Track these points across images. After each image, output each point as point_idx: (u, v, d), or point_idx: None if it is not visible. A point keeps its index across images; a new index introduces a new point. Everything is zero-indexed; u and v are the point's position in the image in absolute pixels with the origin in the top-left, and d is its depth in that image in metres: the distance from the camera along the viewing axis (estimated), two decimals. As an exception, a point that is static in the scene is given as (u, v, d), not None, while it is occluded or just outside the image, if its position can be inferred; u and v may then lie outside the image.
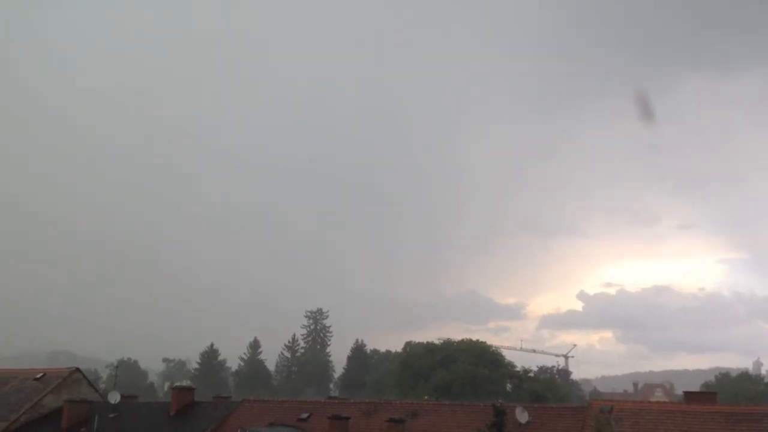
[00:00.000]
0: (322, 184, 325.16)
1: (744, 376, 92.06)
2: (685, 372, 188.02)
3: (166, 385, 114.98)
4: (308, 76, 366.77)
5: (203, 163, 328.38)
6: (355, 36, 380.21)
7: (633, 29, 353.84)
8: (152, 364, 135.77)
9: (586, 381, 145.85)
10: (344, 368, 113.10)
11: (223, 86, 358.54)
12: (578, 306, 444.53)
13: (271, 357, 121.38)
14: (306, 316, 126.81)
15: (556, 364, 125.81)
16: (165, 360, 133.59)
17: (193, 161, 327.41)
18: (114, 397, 33.98)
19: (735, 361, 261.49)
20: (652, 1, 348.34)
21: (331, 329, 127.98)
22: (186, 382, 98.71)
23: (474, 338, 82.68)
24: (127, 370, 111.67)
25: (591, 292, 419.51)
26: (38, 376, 37.29)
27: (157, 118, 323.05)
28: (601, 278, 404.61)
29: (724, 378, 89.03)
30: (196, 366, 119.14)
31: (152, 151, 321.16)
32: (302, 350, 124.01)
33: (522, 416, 26.54)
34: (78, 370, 38.26)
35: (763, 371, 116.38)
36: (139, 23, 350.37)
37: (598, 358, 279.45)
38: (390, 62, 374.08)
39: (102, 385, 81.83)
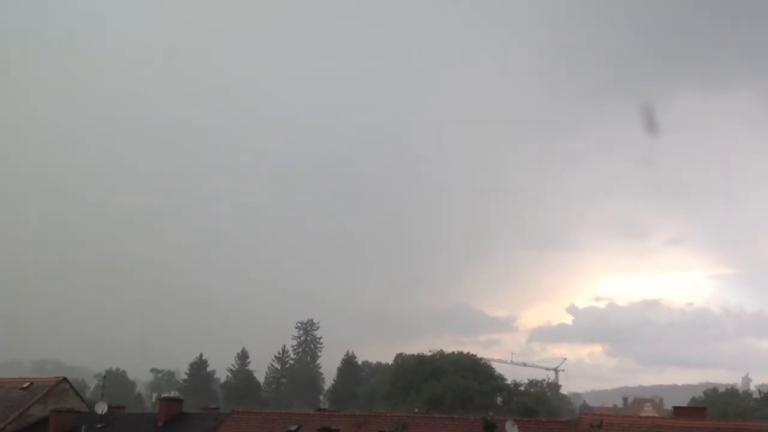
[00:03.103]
0: (314, 194, 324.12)
1: (733, 392, 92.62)
2: (675, 387, 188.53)
3: (154, 395, 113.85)
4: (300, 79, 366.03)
5: (197, 172, 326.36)
6: (361, 37, 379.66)
7: (629, 45, 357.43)
8: (140, 374, 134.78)
9: (576, 395, 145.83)
10: (334, 380, 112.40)
11: (221, 90, 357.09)
12: (568, 319, 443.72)
13: (260, 368, 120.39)
14: (296, 327, 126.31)
15: (546, 378, 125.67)
16: (153, 370, 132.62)
17: (191, 165, 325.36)
18: (101, 408, 33.55)
19: (724, 377, 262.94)
20: (647, 16, 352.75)
21: (321, 340, 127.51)
22: (174, 393, 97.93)
23: (465, 350, 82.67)
24: (114, 380, 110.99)
25: (581, 305, 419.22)
26: (25, 385, 36.78)
27: (157, 119, 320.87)
28: (591, 292, 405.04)
29: (713, 393, 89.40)
30: (185, 377, 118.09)
31: (149, 153, 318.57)
32: (292, 361, 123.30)
33: (512, 430, 26.54)
34: (65, 380, 37.84)
35: (752, 387, 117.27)
36: (139, 23, 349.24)
37: (588, 372, 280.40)
38: (377, 71, 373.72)
39: (89, 396, 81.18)
